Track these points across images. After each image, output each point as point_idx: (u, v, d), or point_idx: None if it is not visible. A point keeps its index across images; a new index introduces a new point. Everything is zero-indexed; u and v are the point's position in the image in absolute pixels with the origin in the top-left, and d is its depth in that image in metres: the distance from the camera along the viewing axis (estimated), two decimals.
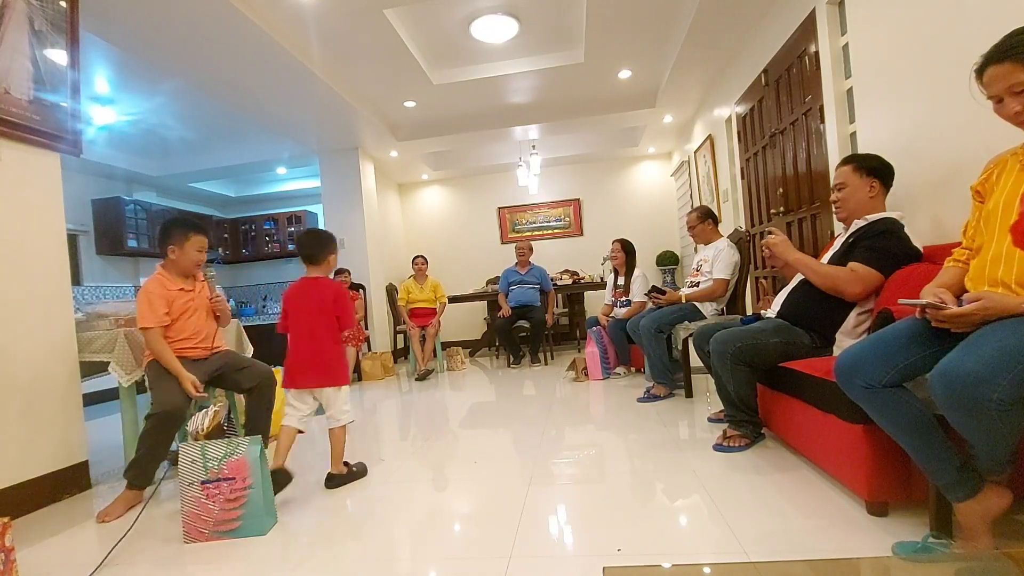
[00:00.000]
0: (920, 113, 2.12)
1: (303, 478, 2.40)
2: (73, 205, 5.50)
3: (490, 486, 2.09)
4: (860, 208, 2.06)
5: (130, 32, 3.23)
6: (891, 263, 1.90)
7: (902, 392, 1.32)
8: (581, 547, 1.54)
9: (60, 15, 2.43)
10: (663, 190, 7.16)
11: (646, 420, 2.85)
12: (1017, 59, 1.18)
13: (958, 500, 1.26)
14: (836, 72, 2.80)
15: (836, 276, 2.00)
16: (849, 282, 1.96)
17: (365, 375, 5.23)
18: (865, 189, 2.04)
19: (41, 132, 2.36)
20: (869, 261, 1.93)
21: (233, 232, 7.51)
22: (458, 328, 7.17)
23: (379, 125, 5.33)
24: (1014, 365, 1.06)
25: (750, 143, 4.10)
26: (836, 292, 2.01)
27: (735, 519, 1.60)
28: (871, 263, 1.92)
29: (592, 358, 4.18)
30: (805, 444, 1.97)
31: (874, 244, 1.95)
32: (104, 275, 6.08)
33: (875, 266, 1.92)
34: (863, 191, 2.04)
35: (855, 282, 1.95)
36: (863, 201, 2.04)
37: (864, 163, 2.06)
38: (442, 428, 3.12)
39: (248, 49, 3.54)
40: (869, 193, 2.04)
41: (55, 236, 2.47)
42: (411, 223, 7.68)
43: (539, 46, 4.37)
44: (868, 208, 2.04)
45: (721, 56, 4.19)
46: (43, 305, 2.37)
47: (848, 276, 1.96)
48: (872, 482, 1.52)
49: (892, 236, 1.93)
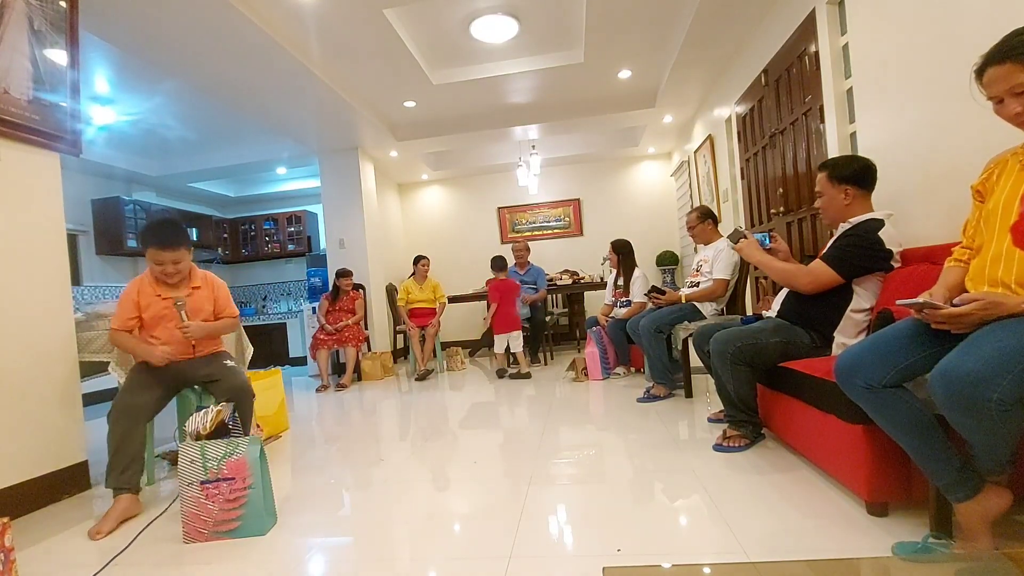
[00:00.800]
0: (920, 113, 2.12)
1: (303, 478, 2.40)
2: (73, 205, 5.50)
3: (490, 486, 2.09)
4: (839, 215, 2.10)
5: (130, 32, 3.23)
6: (847, 264, 2.00)
7: (902, 392, 1.32)
8: (581, 547, 1.54)
9: (59, 15, 2.43)
10: (663, 190, 7.16)
11: (646, 420, 2.85)
12: (1017, 60, 1.18)
13: (958, 500, 1.26)
14: (836, 72, 2.80)
15: (787, 270, 2.19)
16: (798, 275, 2.12)
17: (365, 375, 5.23)
18: (840, 197, 2.07)
19: (41, 132, 2.36)
20: (827, 260, 2.04)
21: (233, 232, 7.51)
22: (458, 328, 7.17)
23: (379, 125, 5.33)
24: (1014, 365, 1.06)
25: (750, 143, 4.10)
26: (790, 286, 2.18)
27: (735, 519, 1.60)
28: (828, 261, 2.03)
29: (592, 358, 4.18)
30: (805, 444, 1.97)
31: (838, 243, 2.06)
32: (104, 275, 6.08)
33: (831, 264, 2.02)
34: (838, 200, 2.08)
35: (803, 276, 2.10)
36: (840, 209, 2.09)
37: (836, 171, 2.08)
38: (442, 428, 3.12)
39: (248, 49, 3.54)
40: (844, 201, 2.07)
41: (55, 236, 2.47)
42: (411, 223, 7.68)
43: (539, 46, 4.37)
44: (846, 214, 2.08)
45: (721, 56, 4.19)
46: (43, 305, 2.36)
47: (798, 270, 2.14)
48: (872, 482, 1.52)
49: (855, 238, 2.00)
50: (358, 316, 5.24)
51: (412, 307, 5.48)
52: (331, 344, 5.03)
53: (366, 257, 5.95)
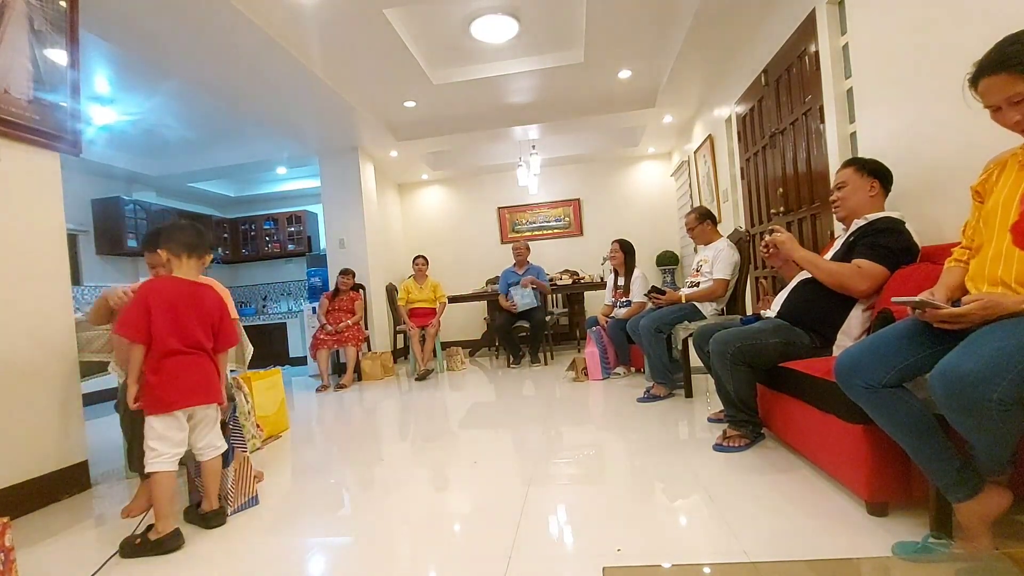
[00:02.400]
0: (920, 113, 2.12)
1: (303, 478, 2.40)
2: (73, 205, 5.50)
3: (490, 486, 2.09)
4: (860, 207, 2.07)
5: (130, 32, 3.23)
6: (895, 259, 1.91)
7: (902, 392, 1.32)
8: (581, 547, 1.54)
9: (60, 15, 2.43)
10: (663, 190, 7.15)
11: (646, 420, 2.85)
12: (1014, 70, 1.18)
13: (958, 500, 1.26)
14: (836, 72, 2.80)
15: (842, 273, 1.99)
16: (855, 278, 1.95)
17: (365, 375, 5.23)
18: (866, 188, 2.06)
19: (41, 132, 2.36)
20: (874, 257, 1.93)
21: (233, 232, 7.51)
22: (458, 328, 7.17)
23: (379, 125, 5.33)
24: (1014, 365, 1.06)
25: (750, 143, 4.10)
26: (842, 289, 2.00)
27: (735, 519, 1.60)
28: (876, 259, 1.92)
29: (592, 358, 4.18)
30: (805, 444, 1.97)
31: (876, 241, 1.95)
32: (104, 275, 6.08)
33: (881, 262, 1.92)
34: (864, 190, 2.06)
35: (862, 278, 1.94)
36: (863, 200, 2.06)
37: (866, 165, 2.08)
38: (442, 428, 3.12)
39: (248, 49, 3.54)
40: (870, 192, 2.05)
41: (55, 236, 2.47)
42: (411, 223, 7.68)
43: (539, 46, 4.37)
44: (869, 207, 2.05)
45: (721, 56, 4.19)
46: (43, 305, 2.36)
47: (853, 272, 1.96)
48: (872, 482, 1.52)
49: (894, 233, 1.94)
50: (357, 316, 5.25)
51: (412, 307, 5.48)
52: (331, 344, 5.03)
53: (366, 257, 5.95)
